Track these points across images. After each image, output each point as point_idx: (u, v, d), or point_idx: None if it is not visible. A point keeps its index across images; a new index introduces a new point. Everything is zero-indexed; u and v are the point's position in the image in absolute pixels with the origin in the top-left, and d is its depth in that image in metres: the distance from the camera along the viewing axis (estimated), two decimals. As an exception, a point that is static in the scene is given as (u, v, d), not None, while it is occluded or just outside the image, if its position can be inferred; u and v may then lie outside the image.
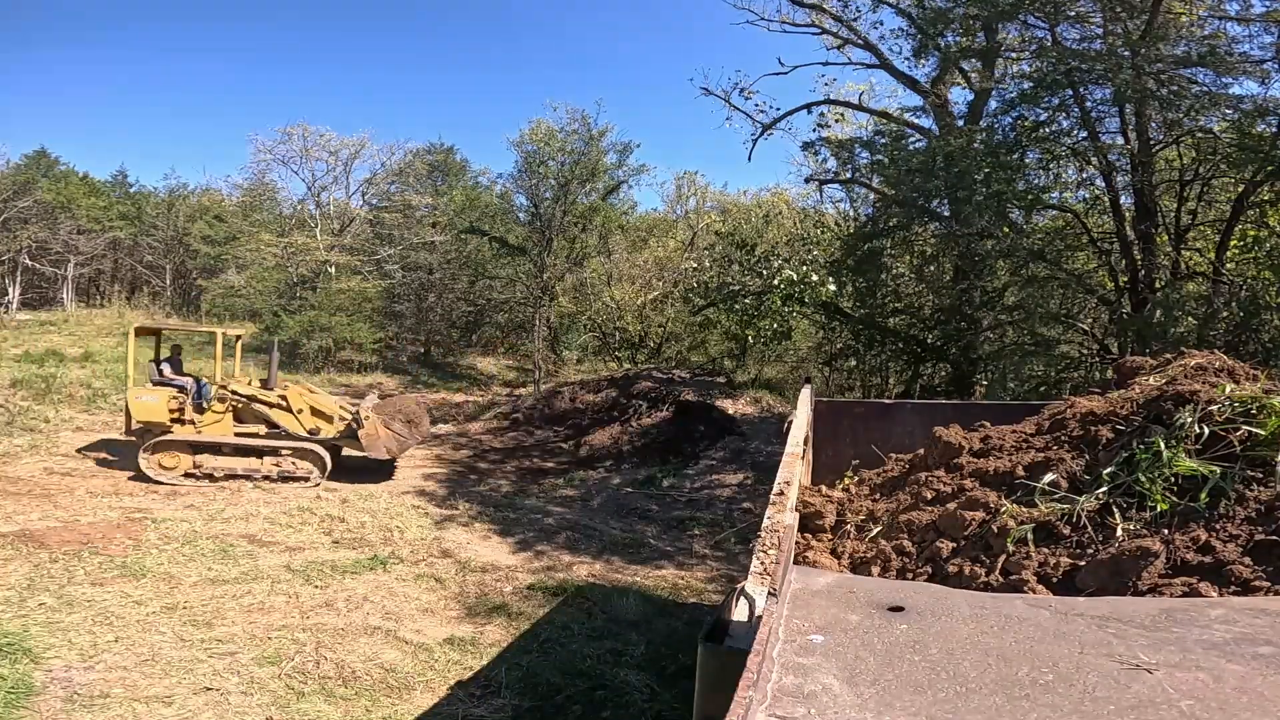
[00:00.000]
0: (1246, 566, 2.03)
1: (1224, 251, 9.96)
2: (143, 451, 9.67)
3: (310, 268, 24.54)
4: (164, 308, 30.32)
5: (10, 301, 28.91)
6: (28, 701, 4.45)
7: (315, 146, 27.99)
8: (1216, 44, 9.36)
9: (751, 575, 1.84)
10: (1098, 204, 11.81)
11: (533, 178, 21.47)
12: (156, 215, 36.00)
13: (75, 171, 37.11)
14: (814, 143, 15.37)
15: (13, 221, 30.20)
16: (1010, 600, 1.82)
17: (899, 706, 1.16)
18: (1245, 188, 9.61)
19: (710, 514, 10.28)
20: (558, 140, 21.10)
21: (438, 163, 29.23)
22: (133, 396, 9.96)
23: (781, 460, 3.03)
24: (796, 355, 20.31)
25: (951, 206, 11.63)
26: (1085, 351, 11.91)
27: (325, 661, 5.32)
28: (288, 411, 10.35)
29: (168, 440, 9.80)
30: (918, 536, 2.77)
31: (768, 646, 1.33)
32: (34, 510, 7.97)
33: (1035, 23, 11.34)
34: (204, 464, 9.93)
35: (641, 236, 26.78)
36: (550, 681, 5.32)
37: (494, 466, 12.81)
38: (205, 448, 10.00)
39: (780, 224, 21.68)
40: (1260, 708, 1.14)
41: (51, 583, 6.18)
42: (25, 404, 12.31)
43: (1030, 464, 2.83)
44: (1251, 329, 8.71)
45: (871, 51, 15.24)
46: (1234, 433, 2.42)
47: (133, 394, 10.01)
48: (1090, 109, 10.52)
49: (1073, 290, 11.64)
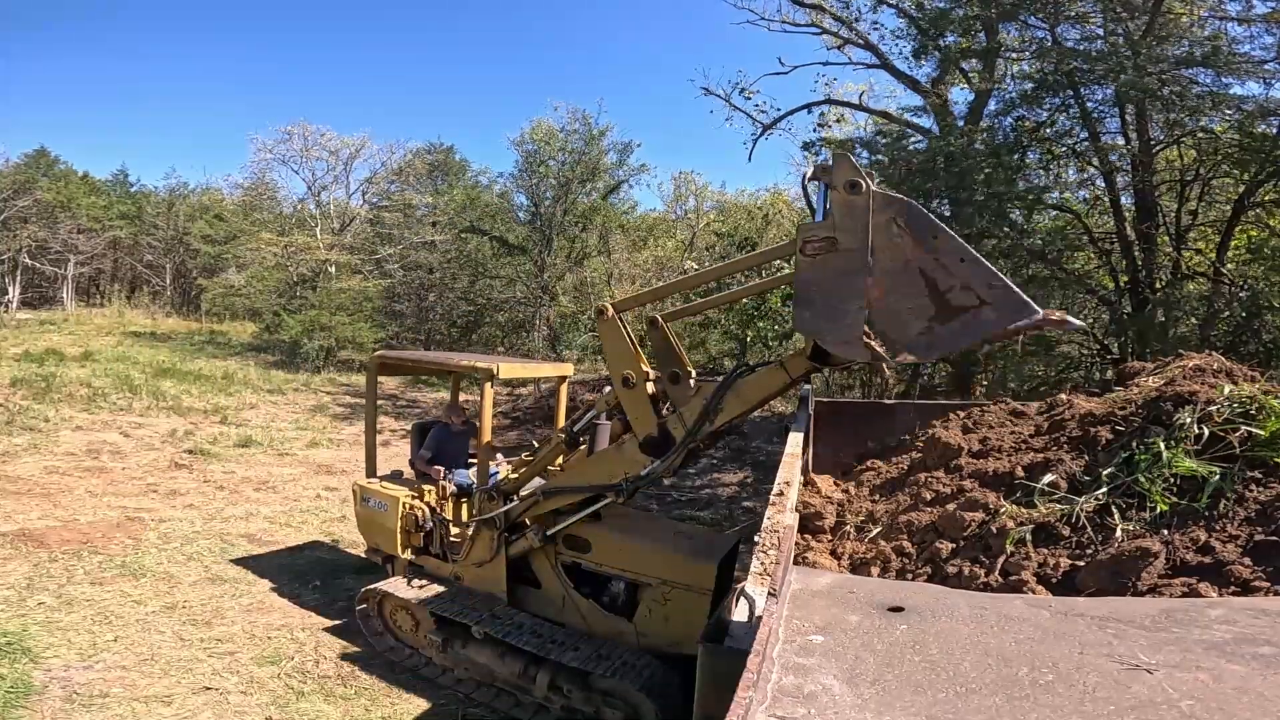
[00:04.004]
0: (1246, 566, 2.03)
1: (1225, 252, 9.97)
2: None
3: (310, 267, 24.54)
4: (164, 307, 30.31)
5: (10, 301, 28.91)
6: (27, 701, 4.45)
7: (315, 146, 28.06)
8: (1218, 44, 9.35)
9: (751, 575, 1.84)
10: (1098, 204, 11.81)
11: (533, 177, 21.48)
12: (156, 215, 36.03)
13: (75, 171, 37.12)
14: (814, 143, 15.37)
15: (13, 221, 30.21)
16: (1010, 600, 1.81)
17: (899, 706, 1.16)
18: (1246, 188, 9.62)
19: (711, 513, 10.27)
20: (558, 140, 21.12)
21: (437, 162, 29.25)
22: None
23: (781, 460, 3.03)
24: (796, 355, 20.29)
25: (952, 206, 11.62)
26: (1085, 351, 11.91)
27: (325, 661, 5.32)
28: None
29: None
30: (917, 537, 2.77)
31: (768, 647, 1.33)
32: (34, 510, 7.97)
33: (1035, 23, 11.33)
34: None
35: (641, 236, 26.79)
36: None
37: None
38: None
39: (780, 224, 21.68)
40: (1260, 708, 1.14)
41: (51, 582, 6.18)
42: (25, 403, 12.31)
43: (1029, 465, 2.83)
44: (1252, 329, 8.72)
45: (872, 51, 15.24)
46: (1233, 433, 2.42)
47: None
48: (1091, 109, 10.52)
49: (1073, 290, 11.65)
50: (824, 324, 3.16)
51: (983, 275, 2.88)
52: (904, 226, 3.04)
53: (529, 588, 5.34)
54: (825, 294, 3.14)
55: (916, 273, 2.99)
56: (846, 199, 3.10)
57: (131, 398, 13.98)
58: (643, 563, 4.87)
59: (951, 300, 2.92)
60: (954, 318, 2.94)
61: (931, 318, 2.98)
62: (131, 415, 13.08)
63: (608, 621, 4.99)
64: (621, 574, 4.97)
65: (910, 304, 2.99)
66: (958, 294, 2.92)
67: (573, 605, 5.12)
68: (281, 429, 13.22)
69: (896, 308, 3.01)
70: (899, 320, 3.01)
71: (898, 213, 3.04)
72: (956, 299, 2.92)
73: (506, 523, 5.18)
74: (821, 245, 3.14)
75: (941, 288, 2.94)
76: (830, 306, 3.12)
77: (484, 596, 5.35)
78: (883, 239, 3.04)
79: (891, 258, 3.02)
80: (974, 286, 2.89)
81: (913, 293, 2.99)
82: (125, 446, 11.02)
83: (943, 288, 2.94)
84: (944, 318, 2.95)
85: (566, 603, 5.14)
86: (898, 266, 3.01)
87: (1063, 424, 3.07)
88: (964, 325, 2.92)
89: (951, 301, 2.92)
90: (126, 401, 13.69)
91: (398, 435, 14.71)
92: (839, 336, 3.12)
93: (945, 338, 2.96)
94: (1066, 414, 3.15)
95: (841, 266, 3.10)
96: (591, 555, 5.04)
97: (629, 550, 4.92)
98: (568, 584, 5.14)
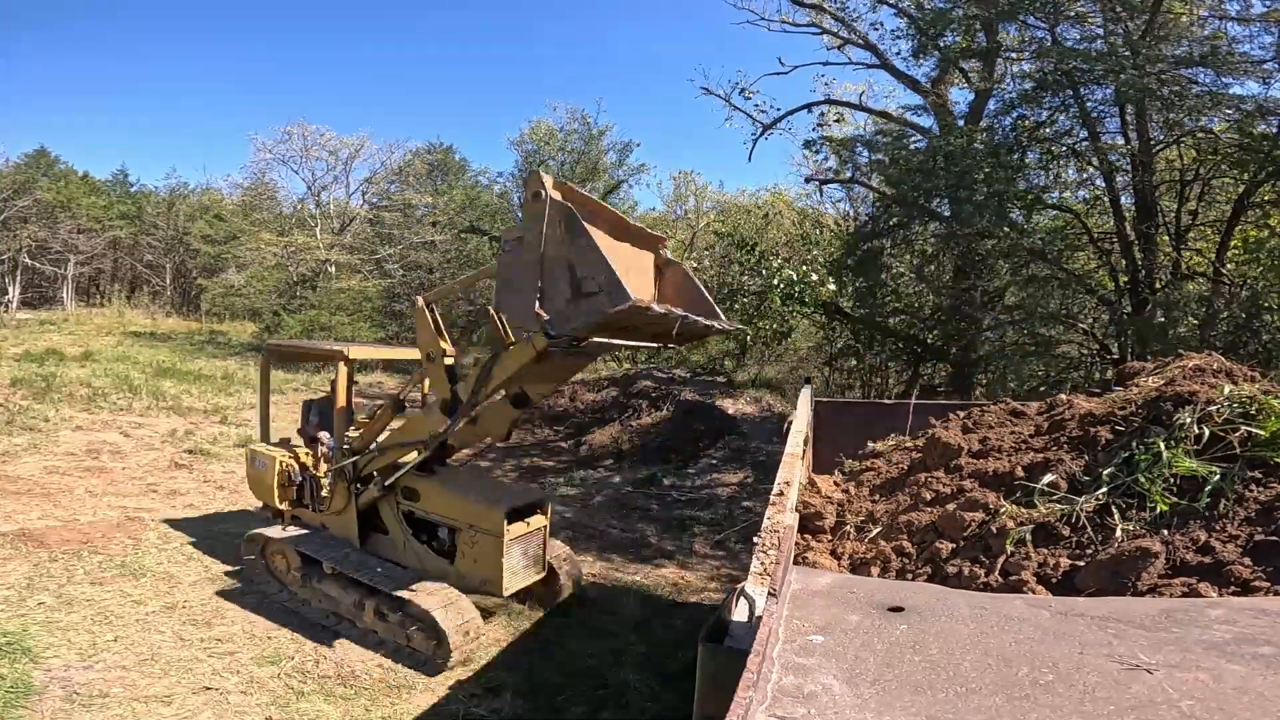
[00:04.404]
0: (1246, 566, 2.03)
1: (1224, 252, 9.96)
2: None
3: (310, 267, 24.54)
4: (164, 307, 30.30)
5: (10, 300, 28.91)
6: (27, 701, 4.45)
7: (315, 146, 28.08)
8: (1217, 44, 9.35)
9: (751, 575, 1.84)
10: (1098, 204, 11.80)
11: (533, 177, 21.46)
12: (157, 215, 36.03)
13: (75, 171, 37.10)
14: (815, 141, 15.37)
15: (13, 221, 30.20)
16: (1010, 600, 1.81)
17: (899, 707, 1.16)
18: (1246, 188, 9.61)
19: (711, 513, 10.27)
20: (558, 139, 21.13)
21: (437, 162, 29.26)
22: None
23: (781, 460, 3.03)
24: (796, 355, 20.32)
25: (952, 206, 11.63)
26: (1085, 352, 11.91)
27: (325, 661, 5.32)
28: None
29: None
30: (917, 537, 2.77)
31: (768, 647, 1.33)
32: (34, 509, 7.96)
33: (1035, 23, 11.33)
34: None
35: (641, 236, 26.75)
36: (550, 681, 5.32)
37: (494, 465, 12.81)
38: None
39: (780, 224, 21.69)
40: (1260, 708, 1.14)
41: (51, 582, 6.18)
42: (25, 403, 12.30)
43: (1029, 465, 2.83)
44: (1252, 329, 8.71)
45: (871, 51, 15.25)
46: (1233, 433, 2.42)
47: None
48: (1090, 109, 10.52)
49: (1073, 290, 11.64)
50: (510, 303, 4.31)
51: (603, 269, 3.87)
52: (563, 228, 4.03)
53: (379, 534, 6.26)
54: (514, 279, 4.25)
55: (566, 264, 4.04)
56: (530, 206, 4.17)
57: (131, 398, 13.98)
58: (454, 509, 5.74)
59: (584, 287, 3.99)
60: (585, 300, 3.99)
61: (569, 300, 4.05)
62: (131, 415, 13.08)
63: (436, 563, 5.85)
64: (443, 520, 5.85)
65: (560, 287, 4.09)
66: (589, 283, 3.96)
67: (411, 549, 6.00)
68: (282, 429, 13.20)
69: (552, 291, 4.12)
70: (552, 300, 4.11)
71: (561, 217, 4.05)
72: (587, 286, 3.98)
73: (355, 474, 6.17)
74: (513, 243, 4.28)
75: (579, 276, 4.00)
76: (516, 289, 4.23)
77: (341, 540, 6.33)
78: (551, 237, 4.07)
79: (554, 252, 4.08)
80: (596, 278, 3.91)
81: (562, 279, 4.07)
82: (125, 446, 11.02)
83: (579, 277, 4.00)
84: (578, 300, 4.03)
85: (406, 547, 6.03)
86: (558, 259, 4.06)
87: (1063, 424, 3.07)
88: (590, 306, 3.98)
89: (584, 288, 4.00)
90: (126, 401, 13.69)
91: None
92: (517, 312, 4.25)
93: (576, 314, 4.03)
94: (1066, 414, 3.14)
95: (525, 259, 4.18)
96: (421, 504, 5.95)
97: (446, 498, 5.80)
98: (406, 530, 6.03)
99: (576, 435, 14.95)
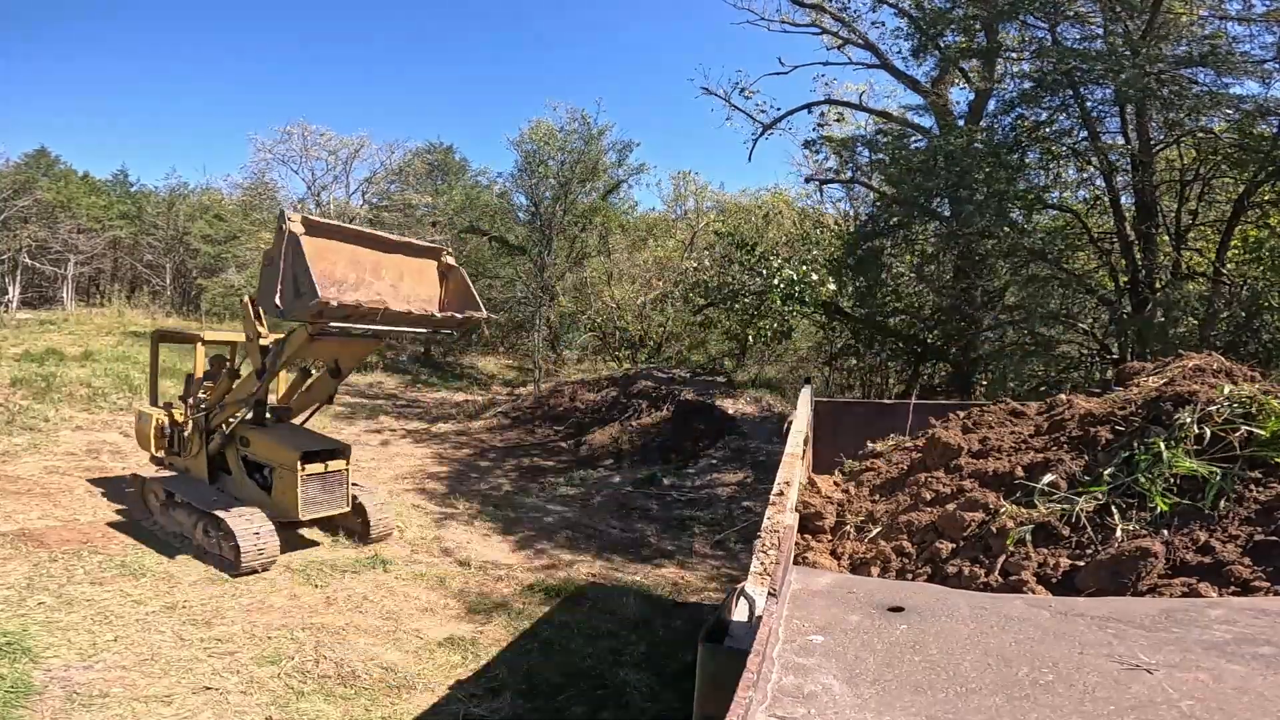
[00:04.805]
0: (1246, 566, 2.03)
1: (1224, 252, 9.96)
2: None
3: (310, 267, 24.50)
4: (164, 307, 30.30)
5: (10, 300, 28.91)
6: (27, 701, 4.45)
7: (315, 145, 28.02)
8: (1217, 44, 9.35)
9: (751, 575, 1.84)
10: (1098, 204, 11.80)
11: (532, 177, 21.46)
12: (157, 214, 36.02)
13: (75, 171, 37.10)
14: (815, 141, 15.38)
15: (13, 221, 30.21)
16: (1010, 600, 1.81)
17: (899, 707, 1.16)
18: (1246, 188, 9.61)
19: (710, 513, 10.27)
20: (557, 139, 21.10)
21: (437, 162, 29.23)
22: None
23: (781, 460, 3.03)
24: (796, 355, 20.33)
25: (952, 206, 11.62)
26: (1085, 351, 11.91)
27: (325, 661, 5.32)
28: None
29: None
30: (917, 537, 2.77)
31: (768, 646, 1.33)
32: (34, 509, 7.96)
33: (1035, 23, 11.33)
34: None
35: (641, 236, 26.78)
36: (550, 681, 5.32)
37: (494, 465, 12.81)
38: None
39: (780, 224, 21.68)
40: (1260, 708, 1.14)
41: (51, 582, 6.18)
42: (25, 403, 12.29)
43: (1029, 465, 2.83)
44: (1252, 330, 8.72)
45: (872, 51, 15.25)
46: (1233, 433, 2.42)
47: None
48: (1090, 109, 10.51)
49: (1073, 290, 11.64)
50: (261, 298, 6.44)
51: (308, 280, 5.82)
52: (291, 251, 6.01)
53: (226, 475, 7.88)
54: (264, 283, 6.35)
55: (292, 274, 6.02)
56: (278, 234, 6.15)
57: (131, 397, 13.96)
58: (271, 453, 7.34)
59: (300, 289, 5.95)
60: (299, 298, 5.96)
61: (294, 297, 6.02)
62: (131, 415, 13.06)
63: (259, 495, 7.40)
64: (264, 461, 7.44)
65: (288, 289, 6.06)
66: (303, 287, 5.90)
67: (247, 486, 7.56)
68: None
69: (286, 290, 6.08)
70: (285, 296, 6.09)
71: (290, 243, 6.02)
72: (302, 289, 5.91)
73: (206, 426, 7.92)
74: (267, 258, 6.30)
75: (299, 283, 5.96)
76: (265, 289, 6.31)
77: (197, 479, 8.03)
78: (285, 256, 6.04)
79: (285, 266, 6.04)
80: (306, 284, 5.86)
81: (288, 284, 6.06)
82: (125, 446, 11.02)
83: (299, 283, 5.95)
84: (298, 298, 5.98)
85: (244, 485, 7.60)
86: (287, 271, 6.04)
87: (1063, 424, 3.07)
88: (302, 303, 5.93)
89: (300, 290, 5.95)
90: (126, 401, 13.67)
91: (398, 435, 14.71)
92: (265, 303, 6.33)
93: (298, 307, 5.99)
94: (1066, 414, 3.14)
95: (271, 270, 6.19)
96: (251, 449, 7.56)
97: (266, 444, 7.41)
98: (243, 471, 7.64)
99: (576, 435, 14.95)
